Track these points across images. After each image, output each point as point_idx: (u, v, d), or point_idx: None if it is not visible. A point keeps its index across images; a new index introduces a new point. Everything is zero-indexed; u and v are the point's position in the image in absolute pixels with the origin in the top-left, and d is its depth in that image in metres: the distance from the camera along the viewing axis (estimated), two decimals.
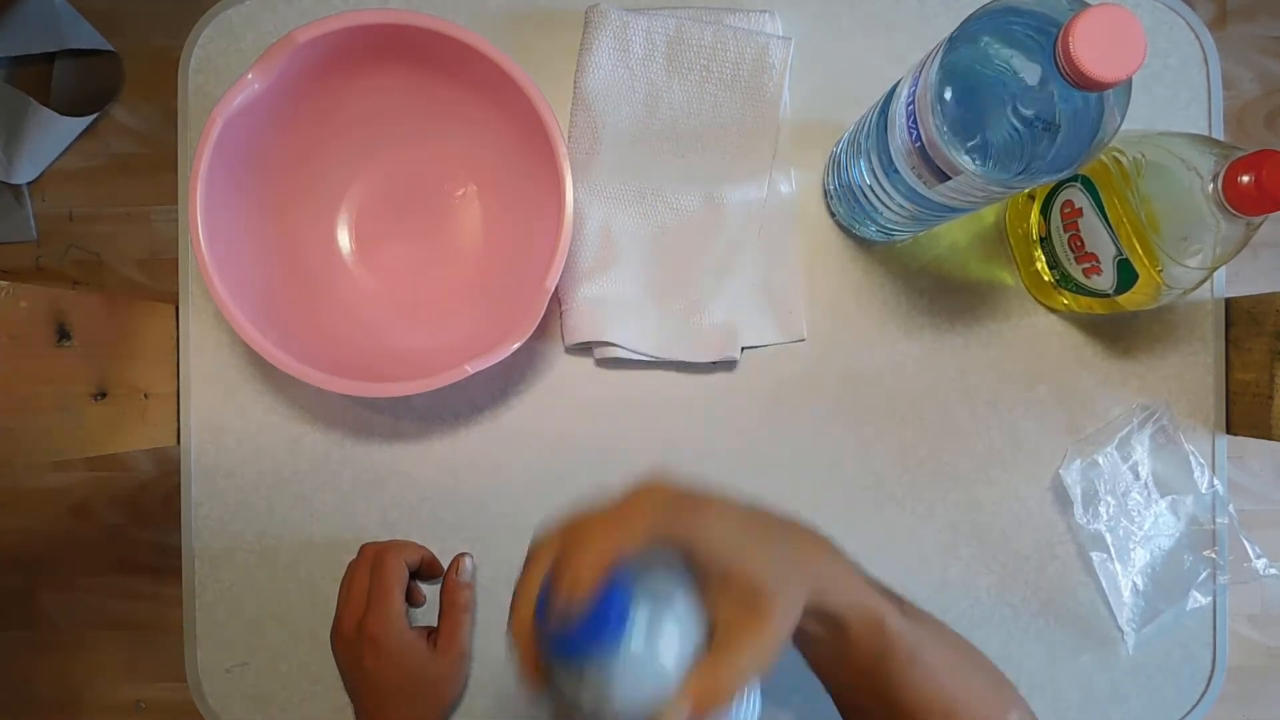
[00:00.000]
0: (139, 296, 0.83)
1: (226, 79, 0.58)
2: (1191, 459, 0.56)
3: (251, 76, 0.48)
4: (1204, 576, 0.56)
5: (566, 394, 0.58)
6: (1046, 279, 0.54)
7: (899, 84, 0.44)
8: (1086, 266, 0.49)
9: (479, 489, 0.58)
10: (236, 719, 0.58)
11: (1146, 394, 0.57)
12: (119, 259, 1.18)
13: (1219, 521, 0.56)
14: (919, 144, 0.41)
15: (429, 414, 0.58)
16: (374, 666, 0.52)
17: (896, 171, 0.45)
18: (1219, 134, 0.57)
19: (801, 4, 0.57)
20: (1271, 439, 0.53)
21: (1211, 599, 0.56)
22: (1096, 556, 0.55)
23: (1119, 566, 0.55)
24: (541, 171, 0.51)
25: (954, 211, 0.46)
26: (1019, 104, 0.38)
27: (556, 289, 0.51)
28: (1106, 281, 0.49)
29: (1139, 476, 0.55)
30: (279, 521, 0.58)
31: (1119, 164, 0.45)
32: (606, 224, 0.56)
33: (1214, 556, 0.56)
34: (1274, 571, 0.55)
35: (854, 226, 0.56)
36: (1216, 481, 0.56)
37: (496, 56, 0.49)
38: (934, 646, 0.39)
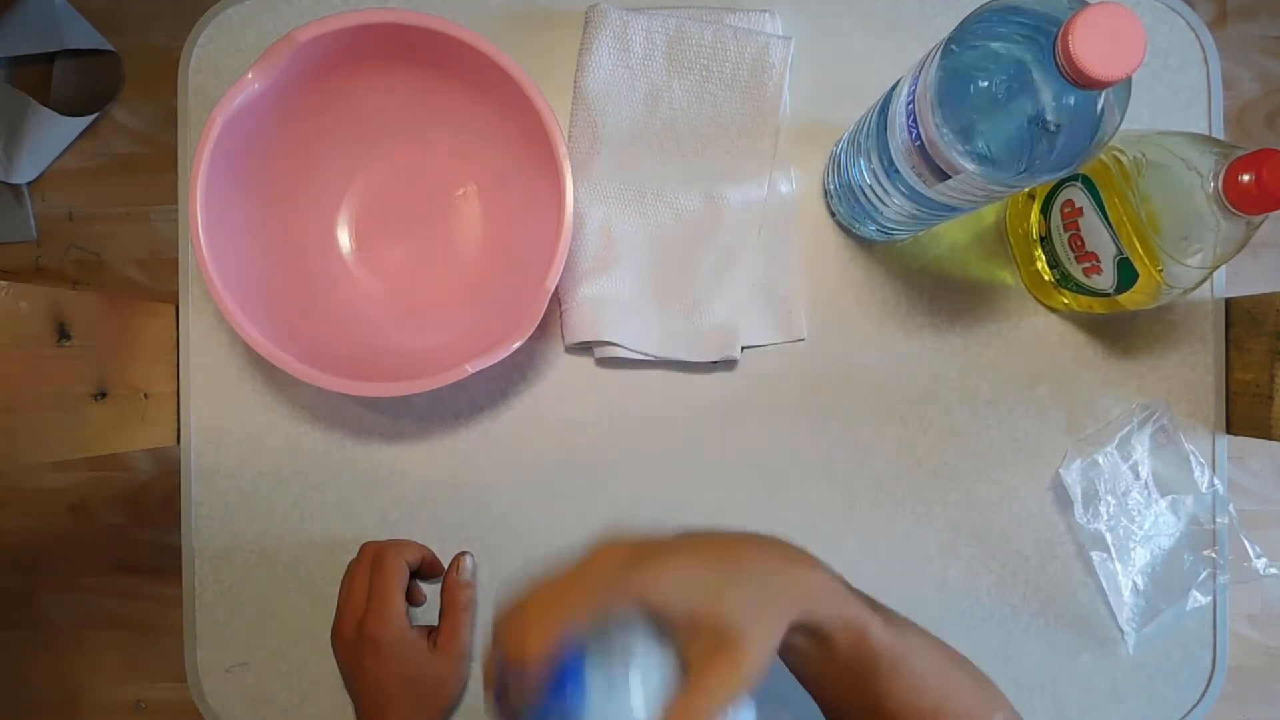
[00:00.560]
0: (139, 296, 0.84)
1: (226, 79, 0.58)
2: (1191, 459, 0.56)
3: (251, 76, 0.48)
4: (1204, 576, 0.56)
5: (566, 394, 0.58)
6: (1047, 278, 0.54)
7: (899, 83, 0.44)
8: (1087, 266, 0.49)
9: (479, 489, 0.58)
10: (236, 719, 0.58)
11: (1146, 394, 0.57)
12: (119, 259, 1.18)
13: (1219, 521, 0.56)
14: (919, 143, 0.41)
15: (429, 414, 0.58)
16: (374, 666, 0.52)
17: (897, 171, 0.45)
18: (1219, 133, 0.57)
19: (801, 4, 0.57)
20: (1271, 439, 0.53)
21: (1211, 599, 0.56)
22: (1096, 556, 0.55)
23: (1119, 566, 0.55)
24: (541, 171, 0.51)
25: (954, 211, 0.46)
26: (1019, 103, 0.38)
27: (556, 288, 0.51)
28: (1107, 281, 0.49)
29: (1139, 476, 0.55)
30: (279, 521, 0.58)
31: (1119, 163, 0.45)
32: (606, 223, 0.56)
33: (1214, 556, 0.56)
34: (1274, 571, 0.55)
35: (854, 226, 0.56)
36: (1216, 481, 0.56)
37: (496, 56, 0.49)
38: (918, 654, 0.39)
